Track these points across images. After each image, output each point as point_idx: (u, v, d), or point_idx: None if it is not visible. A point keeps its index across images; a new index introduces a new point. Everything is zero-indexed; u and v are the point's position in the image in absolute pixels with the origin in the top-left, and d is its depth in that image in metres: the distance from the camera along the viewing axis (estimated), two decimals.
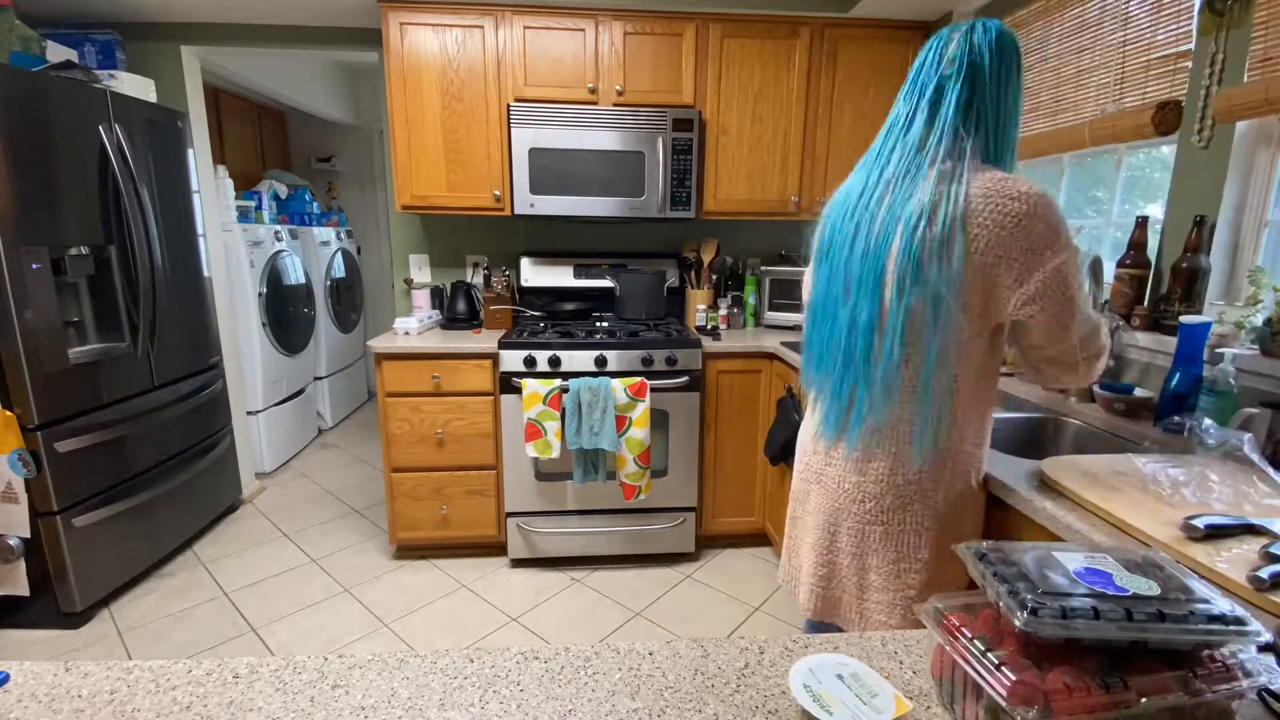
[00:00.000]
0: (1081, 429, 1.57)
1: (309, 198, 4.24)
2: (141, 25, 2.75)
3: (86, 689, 0.63)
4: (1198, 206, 1.53)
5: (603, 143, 2.49)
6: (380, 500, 3.20)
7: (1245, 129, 1.45)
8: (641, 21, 2.50)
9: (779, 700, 0.63)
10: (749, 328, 2.94)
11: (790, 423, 2.22)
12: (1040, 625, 0.51)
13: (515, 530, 2.52)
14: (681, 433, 2.51)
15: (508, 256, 3.03)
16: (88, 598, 2.18)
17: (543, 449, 2.35)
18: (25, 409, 1.97)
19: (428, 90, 2.49)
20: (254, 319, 3.36)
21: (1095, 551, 0.61)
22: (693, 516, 2.61)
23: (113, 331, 2.33)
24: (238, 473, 3.09)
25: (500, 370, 2.39)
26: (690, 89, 2.58)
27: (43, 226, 2.01)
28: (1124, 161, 1.89)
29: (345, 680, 0.65)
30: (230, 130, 3.93)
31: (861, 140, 2.70)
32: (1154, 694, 0.50)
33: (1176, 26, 1.61)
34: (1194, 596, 0.54)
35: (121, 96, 2.34)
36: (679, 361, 2.44)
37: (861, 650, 0.71)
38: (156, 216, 2.46)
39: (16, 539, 2.02)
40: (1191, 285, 1.50)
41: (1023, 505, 1.10)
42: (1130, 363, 1.65)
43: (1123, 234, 1.90)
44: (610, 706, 0.62)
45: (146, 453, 2.44)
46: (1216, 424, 1.26)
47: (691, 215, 2.60)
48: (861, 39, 2.61)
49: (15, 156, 1.91)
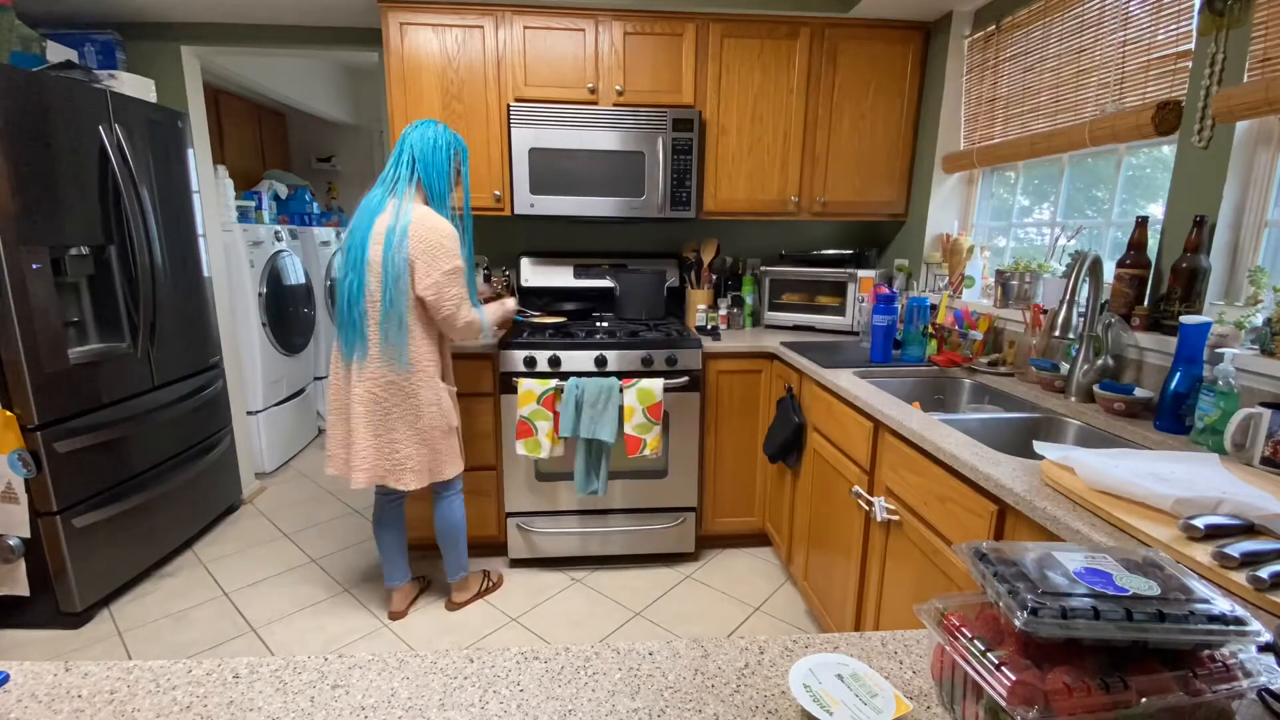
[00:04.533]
0: (1081, 429, 1.57)
1: (309, 198, 4.24)
2: (141, 25, 2.75)
3: (86, 689, 0.63)
4: (1198, 206, 1.53)
5: (603, 143, 2.49)
6: None
7: (1245, 129, 1.45)
8: (641, 21, 2.50)
9: (779, 700, 0.63)
10: (748, 328, 2.94)
11: (790, 423, 2.23)
12: (1040, 625, 0.51)
13: (515, 530, 2.52)
14: (681, 433, 2.51)
15: (508, 256, 3.03)
16: (88, 598, 2.18)
17: (532, 448, 2.34)
18: (25, 409, 1.97)
19: (428, 90, 2.49)
20: (254, 319, 3.36)
21: (1095, 551, 0.61)
22: (693, 516, 2.61)
23: (113, 331, 2.33)
24: (238, 473, 3.09)
25: (500, 370, 2.39)
26: (690, 89, 2.58)
27: (43, 226, 2.01)
28: (1124, 161, 1.89)
29: (345, 680, 0.65)
30: (230, 130, 3.93)
31: (862, 140, 2.71)
32: (1154, 694, 0.50)
33: (1176, 26, 1.61)
34: (1194, 596, 0.54)
35: (121, 96, 2.34)
36: (679, 361, 2.44)
37: (861, 650, 0.71)
38: (156, 216, 2.46)
39: (16, 539, 2.02)
40: (1191, 285, 1.50)
41: (1022, 505, 1.10)
42: (1130, 363, 1.65)
43: (1123, 234, 1.90)
44: (610, 706, 0.62)
45: (146, 453, 2.44)
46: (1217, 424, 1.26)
47: (691, 215, 2.60)
48: (861, 39, 2.61)
49: (15, 156, 1.91)
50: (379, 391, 1.95)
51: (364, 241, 1.92)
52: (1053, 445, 1.21)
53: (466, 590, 2.32)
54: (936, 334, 2.21)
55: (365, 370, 1.94)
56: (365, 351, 1.94)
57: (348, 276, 1.93)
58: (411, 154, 1.97)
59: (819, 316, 2.79)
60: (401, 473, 2.00)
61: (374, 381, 1.94)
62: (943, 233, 2.67)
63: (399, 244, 1.88)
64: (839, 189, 2.75)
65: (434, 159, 1.97)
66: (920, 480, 1.47)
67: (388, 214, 1.92)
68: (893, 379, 2.06)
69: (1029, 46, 2.17)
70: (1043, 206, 2.30)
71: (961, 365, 2.09)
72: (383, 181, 1.99)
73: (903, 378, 2.07)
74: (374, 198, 1.97)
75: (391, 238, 1.88)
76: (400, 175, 1.96)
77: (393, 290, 1.89)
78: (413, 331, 1.95)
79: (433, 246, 1.90)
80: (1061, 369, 1.77)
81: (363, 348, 1.94)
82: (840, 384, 1.89)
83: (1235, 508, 0.93)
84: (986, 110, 2.41)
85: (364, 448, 1.98)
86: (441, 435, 2.04)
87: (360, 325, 1.94)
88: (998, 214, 2.55)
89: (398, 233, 1.88)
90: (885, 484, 1.65)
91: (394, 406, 1.96)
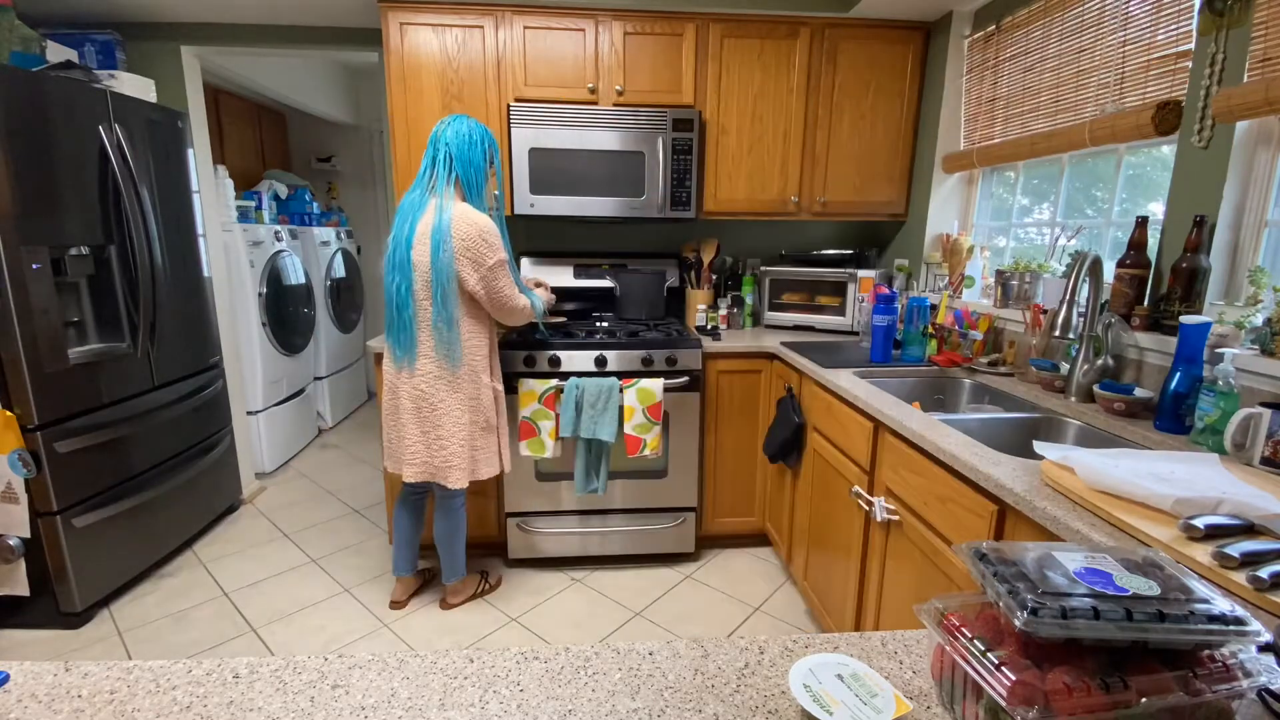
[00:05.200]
0: (1082, 429, 1.57)
1: (309, 198, 4.24)
2: (141, 25, 2.75)
3: (86, 689, 0.63)
4: (1198, 206, 1.53)
5: (603, 143, 2.49)
6: (380, 500, 3.20)
7: (1245, 129, 1.45)
8: (641, 21, 2.50)
9: (779, 700, 0.63)
10: (748, 328, 2.94)
11: (790, 423, 2.22)
12: (1040, 625, 0.51)
13: (515, 530, 2.52)
14: (681, 433, 2.51)
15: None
16: (88, 598, 2.18)
17: (536, 448, 2.35)
18: (25, 409, 1.97)
19: (428, 90, 2.49)
20: (254, 319, 3.36)
21: (1095, 551, 0.61)
22: (693, 516, 2.61)
23: (113, 331, 2.33)
24: (238, 473, 3.09)
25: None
26: (690, 89, 2.58)
27: (43, 226, 2.01)
28: (1124, 161, 1.89)
29: (345, 680, 0.65)
30: (230, 130, 3.93)
31: (862, 140, 2.71)
32: (1154, 694, 0.50)
33: (1176, 26, 1.61)
34: (1194, 596, 0.54)
35: (121, 96, 2.34)
36: (679, 361, 2.44)
37: (861, 650, 0.71)
38: (156, 216, 2.46)
39: (16, 539, 2.02)
40: (1191, 285, 1.50)
41: (1022, 505, 1.10)
42: (1130, 363, 1.65)
43: (1123, 234, 1.90)
44: (610, 706, 0.62)
45: (147, 453, 2.44)
46: (1217, 424, 1.26)
47: (691, 215, 2.60)
48: (861, 39, 2.61)
49: (15, 156, 1.91)
50: (426, 389, 1.96)
51: (409, 243, 1.92)
52: (1053, 445, 1.21)
53: (462, 592, 2.32)
54: (936, 334, 2.21)
55: (417, 369, 1.96)
56: (417, 352, 1.95)
57: (394, 279, 1.93)
58: (448, 151, 1.95)
59: (819, 316, 2.79)
60: (449, 470, 2.02)
61: (424, 379, 1.96)
62: (943, 233, 2.67)
63: (444, 244, 1.89)
64: (839, 189, 2.75)
65: (470, 155, 1.97)
66: (920, 480, 1.47)
67: (429, 214, 1.92)
68: (893, 379, 2.06)
69: (1029, 46, 2.17)
70: (1043, 206, 2.30)
71: (961, 365, 2.09)
72: (421, 181, 1.99)
73: (903, 378, 2.07)
74: (413, 198, 1.97)
75: (437, 238, 1.89)
76: (439, 174, 1.96)
77: (442, 290, 1.91)
78: (463, 328, 1.96)
79: (476, 243, 1.91)
80: (1061, 369, 1.77)
81: (414, 349, 1.95)
82: (840, 384, 1.89)
83: (1235, 508, 0.93)
84: (986, 110, 2.41)
85: (414, 444, 2.00)
86: (481, 432, 2.06)
87: (411, 327, 1.95)
88: (998, 214, 2.55)
89: (441, 232, 1.89)
90: (885, 484, 1.65)
91: (440, 402, 1.97)
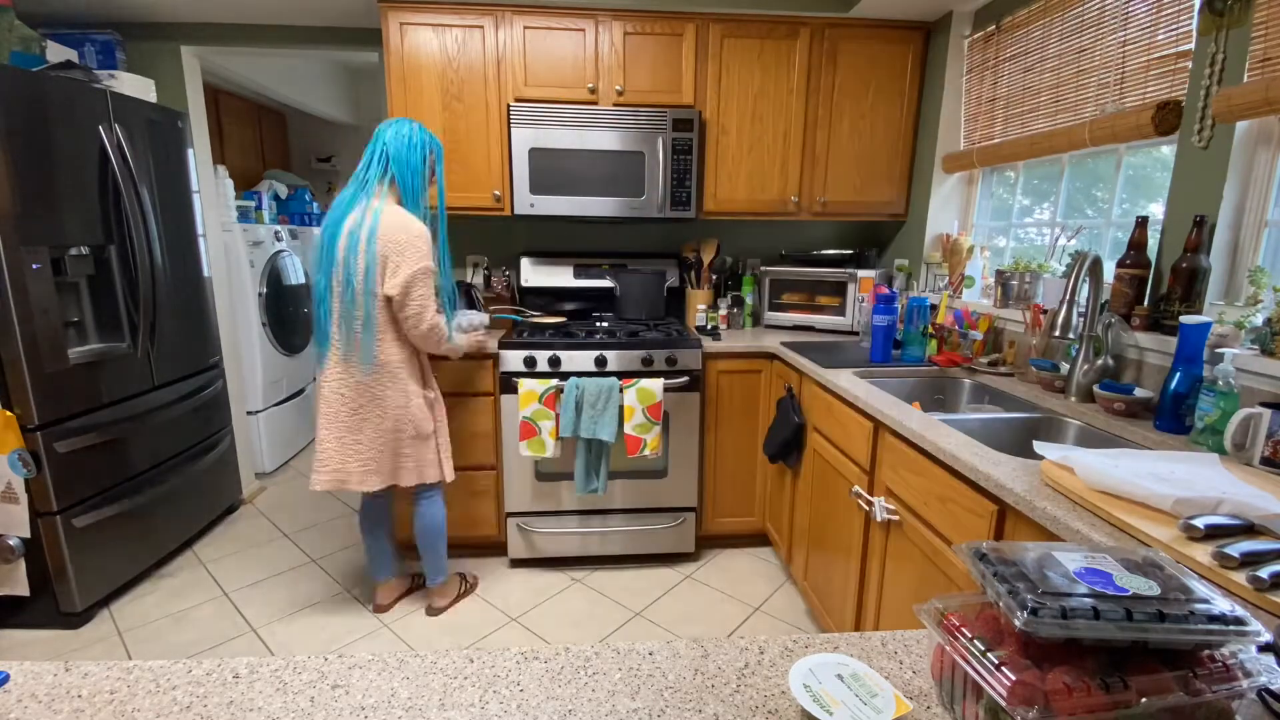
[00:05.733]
0: (1082, 429, 1.57)
1: (309, 198, 4.24)
2: (141, 25, 2.75)
3: (86, 689, 0.63)
4: (1198, 206, 1.53)
5: (602, 143, 2.49)
6: None
7: (1245, 129, 1.45)
8: (641, 21, 2.50)
9: (779, 700, 0.63)
10: (748, 328, 2.94)
11: (790, 422, 2.22)
12: (1040, 625, 0.51)
13: (515, 530, 2.52)
14: (681, 433, 2.51)
15: (508, 256, 3.03)
16: (88, 598, 2.18)
17: (537, 448, 2.34)
18: (25, 409, 1.97)
19: (428, 90, 2.49)
20: (254, 319, 3.36)
21: (1095, 551, 0.61)
22: (693, 516, 2.61)
23: (113, 331, 2.33)
24: (238, 473, 3.09)
25: (500, 370, 2.39)
26: (690, 89, 2.58)
27: (43, 226, 2.01)
28: (1124, 161, 1.89)
29: (345, 680, 0.65)
30: (230, 130, 3.93)
31: (862, 140, 2.71)
32: (1154, 694, 0.50)
33: (1176, 26, 1.61)
34: (1194, 596, 0.54)
35: (121, 96, 2.34)
36: (679, 361, 2.44)
37: (861, 650, 0.71)
38: (156, 216, 2.46)
39: (16, 539, 2.02)
40: (1191, 285, 1.50)
41: (1022, 505, 1.10)
42: (1130, 363, 1.65)
43: (1123, 234, 1.90)
44: (610, 706, 0.62)
45: (146, 453, 2.44)
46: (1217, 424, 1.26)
47: (691, 215, 2.60)
48: (861, 39, 2.61)
49: (15, 156, 1.91)
50: (346, 392, 1.93)
51: (332, 240, 1.90)
52: (1053, 445, 1.21)
53: (446, 595, 2.30)
54: (936, 334, 2.21)
55: (332, 369, 1.94)
56: (333, 352, 1.93)
57: (316, 276, 1.93)
58: (385, 151, 1.94)
59: (819, 316, 2.79)
60: (366, 475, 1.98)
61: (341, 381, 1.93)
62: (943, 233, 2.67)
63: (367, 242, 1.85)
64: (839, 189, 2.75)
65: (408, 157, 1.95)
66: (920, 480, 1.47)
67: (357, 212, 1.90)
68: (893, 379, 2.06)
69: (1029, 46, 2.17)
70: (1043, 206, 2.30)
71: (961, 365, 2.09)
72: (355, 179, 1.96)
73: (903, 378, 2.07)
74: (345, 196, 1.95)
75: (357, 235, 1.86)
76: (373, 172, 1.94)
77: (356, 288, 1.87)
78: (383, 332, 1.92)
79: (403, 245, 1.87)
80: (1061, 369, 1.77)
81: (329, 349, 1.94)
82: (840, 384, 1.89)
83: (1235, 508, 0.93)
84: (986, 110, 2.41)
85: (326, 448, 1.96)
86: (409, 440, 2.02)
87: (325, 324, 1.93)
88: (998, 214, 2.55)
89: (365, 230, 1.86)
90: (885, 484, 1.65)
91: (360, 407, 1.94)
